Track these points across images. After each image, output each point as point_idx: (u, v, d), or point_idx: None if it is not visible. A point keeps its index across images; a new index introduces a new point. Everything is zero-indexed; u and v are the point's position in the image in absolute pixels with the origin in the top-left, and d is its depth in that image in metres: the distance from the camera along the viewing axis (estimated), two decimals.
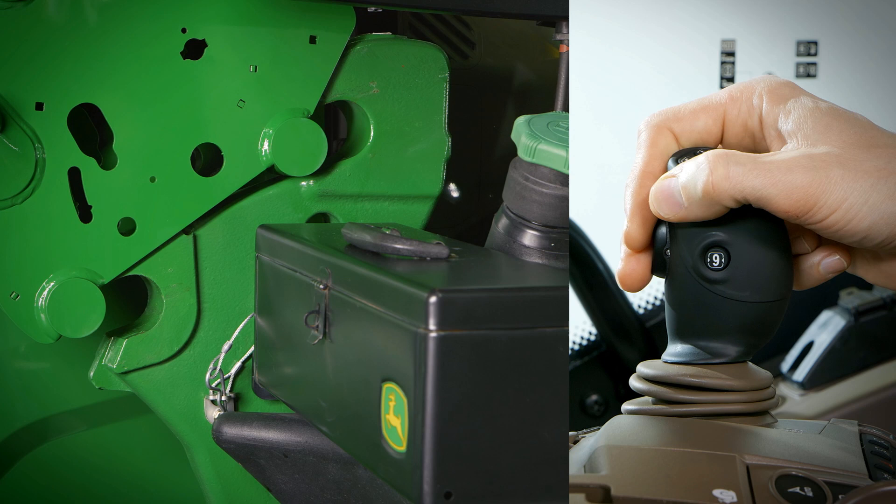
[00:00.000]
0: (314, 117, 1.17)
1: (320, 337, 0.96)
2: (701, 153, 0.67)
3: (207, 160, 1.21)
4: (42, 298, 1.10)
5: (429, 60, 1.21)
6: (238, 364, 1.19)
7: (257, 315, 1.14)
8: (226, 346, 1.18)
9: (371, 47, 1.20)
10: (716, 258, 0.68)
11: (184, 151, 1.14)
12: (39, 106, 1.08)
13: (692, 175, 0.65)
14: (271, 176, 1.19)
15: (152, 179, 1.13)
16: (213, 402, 1.18)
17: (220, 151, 1.15)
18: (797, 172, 0.63)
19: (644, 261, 0.71)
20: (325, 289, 0.95)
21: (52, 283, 1.10)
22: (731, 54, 1.87)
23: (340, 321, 0.94)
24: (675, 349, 0.71)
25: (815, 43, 1.87)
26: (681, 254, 0.69)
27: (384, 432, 0.86)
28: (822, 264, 0.70)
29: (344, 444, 0.96)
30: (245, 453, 1.12)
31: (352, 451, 0.94)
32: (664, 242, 0.70)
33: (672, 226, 0.69)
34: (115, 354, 1.17)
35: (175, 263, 1.16)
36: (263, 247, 1.11)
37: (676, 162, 0.68)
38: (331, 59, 1.17)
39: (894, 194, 0.62)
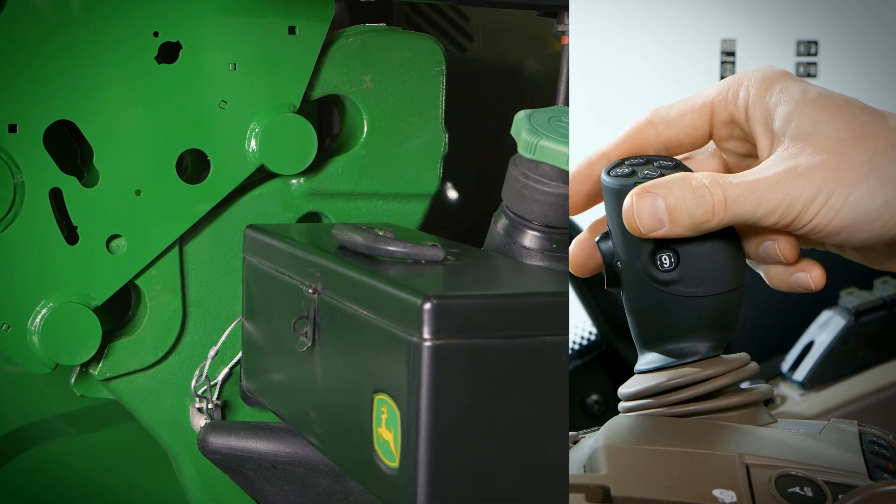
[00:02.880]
0: (304, 112, 1.14)
1: (309, 344, 0.93)
2: (637, 163, 0.68)
3: (194, 167, 1.18)
4: (35, 327, 1.07)
5: (425, 53, 1.18)
6: (225, 370, 1.16)
7: (245, 319, 1.10)
8: (212, 352, 1.14)
9: (364, 39, 1.16)
10: (665, 259, 0.67)
11: (168, 160, 1.10)
12: (13, 128, 1.04)
13: (687, 200, 0.65)
14: (261, 174, 1.15)
15: (138, 193, 1.09)
16: (200, 410, 1.14)
17: (206, 156, 1.11)
18: (780, 188, 0.63)
19: (588, 247, 0.72)
20: (314, 293, 0.92)
21: (44, 311, 1.07)
22: (732, 54, 1.88)
23: (330, 328, 0.90)
24: (645, 359, 0.70)
25: (815, 43, 1.89)
26: (631, 262, 0.68)
27: (376, 446, 0.83)
28: (793, 277, 0.69)
29: (334, 457, 0.93)
30: (232, 464, 1.09)
31: (342, 464, 0.91)
32: (612, 255, 0.70)
33: (619, 237, 0.69)
34: (96, 360, 1.13)
35: (159, 266, 1.12)
36: (251, 248, 1.07)
37: (609, 174, 0.69)
38: (312, 49, 1.13)
39: (875, 191, 0.62)
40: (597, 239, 0.72)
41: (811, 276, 0.69)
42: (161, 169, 1.09)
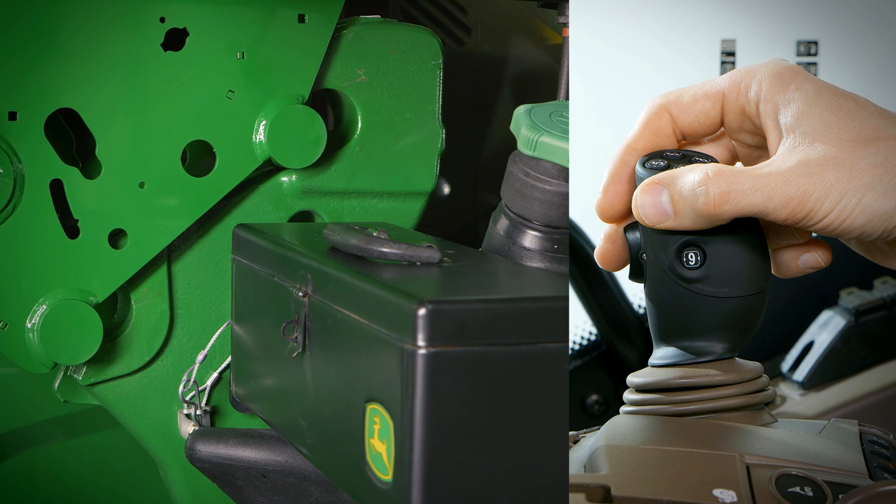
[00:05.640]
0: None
1: (299, 349, 0.90)
2: (673, 157, 0.68)
3: (197, 159, 1.14)
4: (33, 325, 1.03)
5: (421, 46, 1.15)
6: (214, 375, 1.13)
7: (234, 323, 1.07)
8: (200, 356, 1.11)
9: (358, 31, 1.13)
10: (691, 257, 0.67)
11: (173, 152, 1.06)
12: (12, 115, 1.00)
13: (688, 192, 0.65)
14: (268, 168, 1.12)
15: (141, 185, 1.05)
16: (188, 416, 1.11)
17: (212, 148, 1.07)
18: (793, 183, 0.63)
19: (620, 240, 0.71)
20: (304, 296, 0.89)
21: (42, 308, 1.03)
22: (732, 54, 1.89)
23: (321, 333, 0.88)
24: (660, 352, 0.70)
25: (815, 43, 1.90)
26: (656, 256, 0.68)
27: (368, 459, 0.80)
28: (800, 259, 0.71)
29: (325, 468, 0.90)
30: (221, 473, 1.05)
31: (334, 476, 0.88)
32: (639, 247, 0.70)
33: (646, 229, 0.69)
34: (81, 365, 1.09)
35: (146, 266, 1.08)
36: (240, 248, 1.04)
37: (644, 165, 0.68)
38: (322, 38, 1.09)
39: (888, 191, 0.62)
40: (623, 227, 0.71)
41: (818, 254, 0.70)
42: (166, 160, 1.05)
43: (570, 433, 0.71)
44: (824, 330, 1.49)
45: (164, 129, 1.05)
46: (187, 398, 1.11)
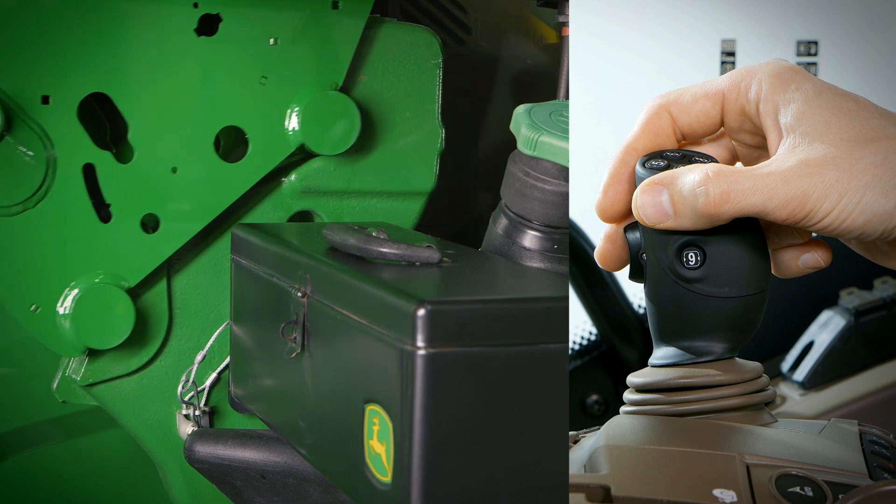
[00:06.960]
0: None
1: (298, 350, 0.89)
2: (673, 157, 0.68)
3: (228, 145, 1.13)
4: (64, 309, 1.03)
5: (421, 45, 1.14)
6: (213, 376, 1.12)
7: (233, 323, 1.06)
8: (199, 356, 1.11)
9: None
10: (691, 257, 0.67)
11: (206, 137, 1.06)
12: (46, 99, 1.00)
13: (688, 192, 0.65)
14: (301, 155, 1.11)
15: (174, 170, 1.05)
16: (187, 416, 1.11)
17: (245, 134, 1.07)
18: (793, 183, 0.63)
19: (620, 240, 0.71)
20: (303, 297, 0.89)
21: (74, 292, 1.03)
22: (732, 54, 1.88)
23: (320, 333, 0.87)
24: (660, 352, 0.70)
25: (815, 43, 1.89)
26: (656, 256, 0.68)
27: (367, 460, 0.80)
28: (800, 259, 0.70)
29: (324, 469, 0.90)
30: (219, 474, 1.05)
31: (333, 477, 0.88)
32: (639, 247, 0.69)
33: (646, 229, 0.68)
34: (79, 365, 1.09)
35: None
36: (239, 248, 1.04)
37: (644, 165, 0.68)
38: (356, 24, 1.09)
39: (888, 191, 0.62)
40: (623, 227, 0.70)
41: (818, 254, 0.70)
42: (198, 146, 1.05)
43: (570, 433, 0.70)
44: (824, 330, 1.49)
45: (196, 114, 1.05)
46: (186, 399, 1.11)
